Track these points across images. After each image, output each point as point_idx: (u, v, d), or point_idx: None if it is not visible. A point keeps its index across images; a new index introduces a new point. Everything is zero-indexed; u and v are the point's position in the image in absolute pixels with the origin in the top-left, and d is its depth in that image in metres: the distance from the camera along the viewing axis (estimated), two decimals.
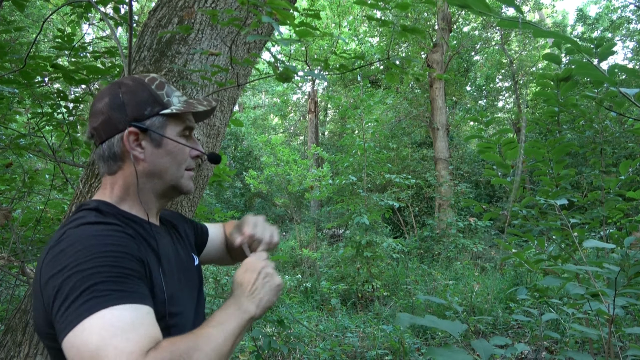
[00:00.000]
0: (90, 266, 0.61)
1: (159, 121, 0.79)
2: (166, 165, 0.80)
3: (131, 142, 0.77)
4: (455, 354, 0.78)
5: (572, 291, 1.30)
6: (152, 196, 0.82)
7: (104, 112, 0.77)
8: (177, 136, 0.81)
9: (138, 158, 0.78)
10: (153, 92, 0.79)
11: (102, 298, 0.59)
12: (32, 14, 10.76)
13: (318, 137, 16.34)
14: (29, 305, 1.31)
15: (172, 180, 0.82)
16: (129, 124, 0.76)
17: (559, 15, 19.24)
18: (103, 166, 0.80)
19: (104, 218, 0.71)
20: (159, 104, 0.79)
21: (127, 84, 0.78)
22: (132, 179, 0.78)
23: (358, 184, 6.93)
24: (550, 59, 1.61)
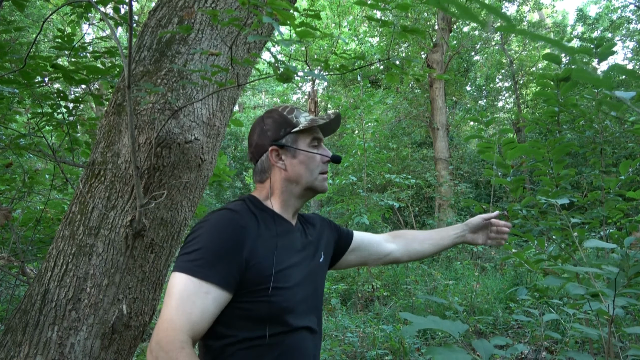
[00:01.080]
0: (205, 239, 0.87)
1: (292, 137, 1.03)
2: (302, 172, 1.03)
3: (274, 157, 1.03)
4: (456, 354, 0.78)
5: (572, 291, 1.30)
6: (292, 197, 1.05)
7: (254, 140, 1.06)
8: (307, 147, 1.04)
9: (280, 168, 1.03)
10: (285, 117, 1.04)
11: (197, 269, 0.84)
12: (32, 14, 10.76)
13: None
14: (28, 306, 1.31)
15: (308, 183, 1.04)
16: (271, 144, 1.03)
17: (559, 15, 19.24)
18: (257, 177, 1.07)
19: (240, 207, 0.95)
20: (290, 125, 1.04)
21: (268, 116, 1.06)
22: (276, 184, 1.04)
23: (358, 184, 6.93)
24: (550, 59, 1.61)
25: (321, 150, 1.06)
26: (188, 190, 1.50)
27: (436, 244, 1.35)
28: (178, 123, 1.41)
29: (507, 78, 15.88)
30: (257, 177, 1.06)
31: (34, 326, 1.27)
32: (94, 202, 1.38)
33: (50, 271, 1.33)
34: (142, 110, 1.40)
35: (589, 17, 14.45)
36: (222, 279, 0.85)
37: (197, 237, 0.87)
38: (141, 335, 1.45)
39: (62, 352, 1.25)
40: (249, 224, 0.92)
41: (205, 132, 1.51)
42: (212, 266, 0.84)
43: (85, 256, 1.33)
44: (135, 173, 1.30)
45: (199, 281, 0.83)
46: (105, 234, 1.35)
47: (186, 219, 1.54)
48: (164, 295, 0.85)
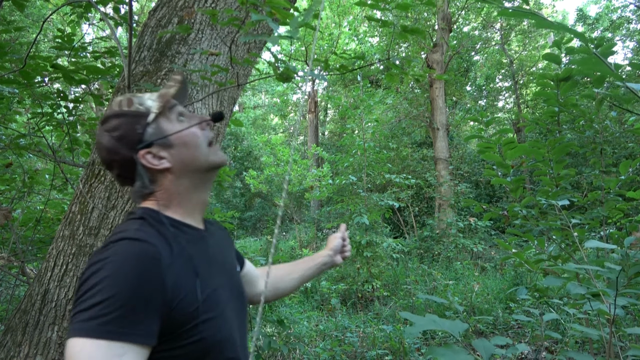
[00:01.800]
0: (110, 286, 0.65)
1: (153, 128, 0.83)
2: (189, 155, 0.84)
3: (151, 161, 0.82)
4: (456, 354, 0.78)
5: (572, 291, 1.30)
6: (195, 192, 0.86)
7: (114, 159, 0.82)
8: (174, 125, 0.85)
9: (165, 168, 0.83)
10: (130, 113, 0.83)
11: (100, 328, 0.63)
12: (32, 14, 10.76)
13: (318, 137, 16.34)
14: (28, 306, 1.31)
15: (202, 163, 0.85)
16: (136, 150, 0.81)
17: (559, 15, 19.25)
18: (139, 195, 0.85)
19: (145, 232, 0.74)
20: (142, 116, 0.83)
21: (107, 125, 0.83)
22: (171, 188, 0.84)
23: (358, 184, 6.93)
24: (550, 59, 1.61)
25: (192, 119, 0.87)
26: None
27: (302, 277, 1.22)
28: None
29: (507, 78, 15.88)
30: (138, 195, 0.85)
31: (34, 326, 1.27)
32: (94, 202, 1.38)
33: (50, 271, 1.33)
34: None
35: (589, 17, 14.46)
36: (141, 334, 0.65)
37: (97, 285, 0.65)
38: None
39: (62, 352, 1.25)
40: (162, 253, 0.71)
41: None
42: (126, 320, 0.64)
43: (85, 256, 1.32)
44: None
45: (108, 343, 0.62)
46: (105, 234, 1.35)
47: None
48: None
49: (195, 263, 0.77)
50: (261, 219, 15.35)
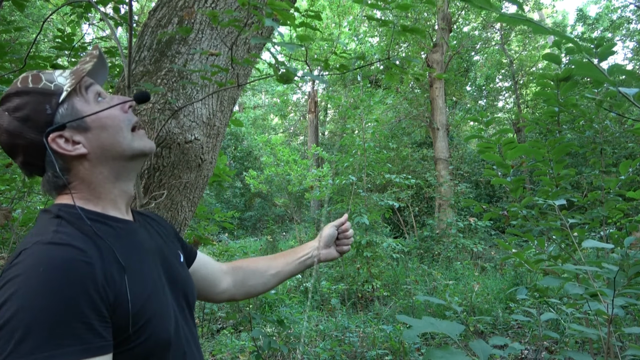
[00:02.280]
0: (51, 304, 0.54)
1: (65, 108, 0.71)
2: (109, 139, 0.73)
3: (63, 145, 0.70)
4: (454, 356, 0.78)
5: (571, 291, 1.30)
6: (118, 180, 0.75)
7: (18, 143, 0.70)
8: (91, 105, 0.73)
9: (80, 154, 0.71)
10: (37, 90, 0.70)
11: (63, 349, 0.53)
12: (32, 14, 10.76)
13: (318, 137, 16.34)
14: None
15: (125, 149, 0.74)
16: (45, 133, 0.69)
17: (559, 15, 19.25)
18: (51, 186, 0.73)
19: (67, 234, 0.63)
20: (52, 95, 0.71)
21: (8, 105, 0.70)
22: (89, 177, 0.72)
23: (358, 184, 6.93)
24: (550, 59, 1.61)
25: (113, 100, 0.76)
26: (188, 190, 1.50)
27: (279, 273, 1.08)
28: (178, 123, 1.42)
29: (507, 78, 15.89)
30: (51, 186, 0.73)
31: None
32: None
33: None
34: (142, 110, 1.40)
35: (589, 17, 14.46)
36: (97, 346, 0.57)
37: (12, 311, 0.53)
38: None
39: None
40: (92, 255, 0.62)
41: (205, 132, 1.51)
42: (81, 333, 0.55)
43: None
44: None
45: None
46: None
47: (186, 219, 1.54)
48: None
49: (126, 258, 0.67)
50: (261, 219, 15.35)
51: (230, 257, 5.58)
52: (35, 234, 0.63)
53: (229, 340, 4.14)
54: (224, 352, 3.84)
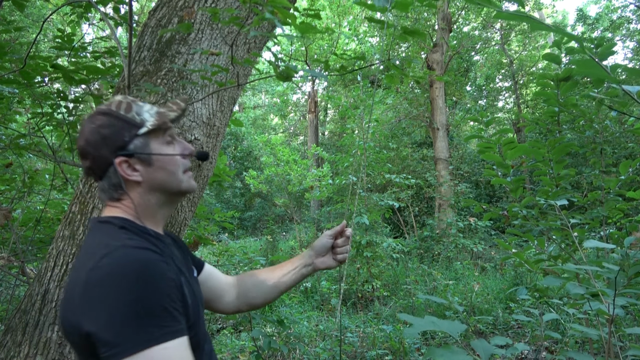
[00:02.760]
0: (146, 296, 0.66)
1: (141, 141, 0.82)
2: (164, 178, 0.85)
3: (125, 170, 0.81)
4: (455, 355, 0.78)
5: (572, 291, 1.30)
6: (161, 209, 0.88)
7: (90, 152, 0.81)
8: (162, 146, 0.85)
9: (137, 181, 0.83)
10: (124, 118, 0.82)
11: (161, 331, 0.65)
12: (32, 14, 10.76)
13: (318, 137, 16.34)
14: (28, 305, 1.31)
15: (174, 188, 0.87)
16: (116, 155, 0.80)
17: (559, 15, 19.25)
18: (106, 195, 0.84)
19: (139, 239, 0.76)
20: (135, 126, 0.82)
21: (99, 118, 0.82)
22: (139, 201, 0.84)
23: (358, 184, 6.93)
24: (550, 59, 1.61)
25: (179, 147, 0.88)
26: None
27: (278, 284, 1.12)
28: (178, 123, 1.42)
29: (507, 78, 15.88)
30: (106, 195, 0.84)
31: (34, 326, 1.27)
32: (94, 202, 1.38)
33: (50, 271, 1.33)
34: None
35: (589, 17, 14.46)
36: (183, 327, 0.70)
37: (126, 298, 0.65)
38: None
39: (62, 352, 1.25)
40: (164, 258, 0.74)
41: (205, 132, 1.51)
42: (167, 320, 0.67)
43: None
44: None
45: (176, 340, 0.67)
46: None
47: (186, 219, 1.54)
48: None
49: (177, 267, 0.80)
50: (261, 219, 15.35)
51: (230, 257, 5.58)
52: (109, 242, 0.73)
53: (229, 340, 4.14)
54: (224, 352, 3.84)
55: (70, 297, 0.70)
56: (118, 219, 0.80)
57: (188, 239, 2.85)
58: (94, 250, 0.72)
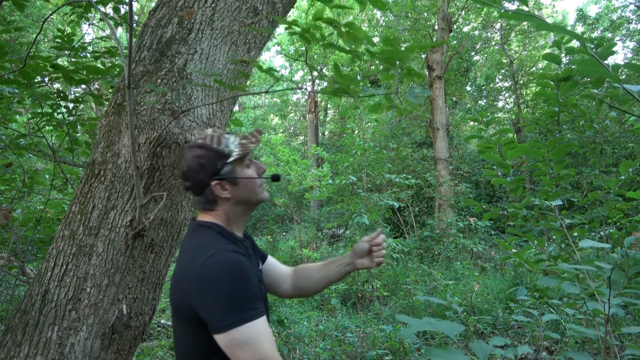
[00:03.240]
0: (242, 288, 0.93)
1: (229, 167, 1.08)
2: (246, 195, 1.12)
3: (218, 190, 1.08)
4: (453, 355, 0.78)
5: (567, 290, 1.30)
6: (243, 217, 1.15)
7: (192, 176, 1.08)
8: (244, 169, 1.11)
9: (227, 197, 1.09)
10: (217, 150, 1.08)
11: (252, 312, 0.92)
12: (32, 14, 10.76)
13: (318, 137, 16.33)
14: (28, 305, 1.31)
15: (253, 200, 1.14)
16: (212, 179, 1.07)
17: (559, 15, 19.24)
18: (201, 206, 1.11)
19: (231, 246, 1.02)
20: (224, 156, 1.08)
21: (197, 150, 1.08)
22: (228, 212, 1.11)
23: (358, 184, 6.93)
24: (550, 59, 1.61)
25: (257, 169, 1.15)
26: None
27: (324, 278, 1.36)
28: (178, 123, 1.42)
29: (507, 78, 15.88)
30: (201, 206, 1.11)
31: (34, 326, 1.27)
32: (94, 202, 1.38)
33: (50, 271, 1.33)
34: (142, 110, 1.40)
35: (589, 17, 14.45)
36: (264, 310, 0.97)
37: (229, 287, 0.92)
38: (141, 335, 1.45)
39: (62, 352, 1.25)
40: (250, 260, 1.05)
41: None
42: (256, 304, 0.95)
43: (85, 256, 1.33)
44: (135, 173, 1.30)
45: (261, 319, 0.94)
46: (105, 234, 1.35)
47: (186, 219, 1.54)
48: None
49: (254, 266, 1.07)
50: (261, 219, 15.35)
51: None
52: (213, 245, 1.00)
53: None
54: None
55: (184, 283, 0.98)
56: (215, 225, 1.07)
57: None
58: (200, 249, 0.99)
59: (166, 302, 5.58)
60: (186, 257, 1.01)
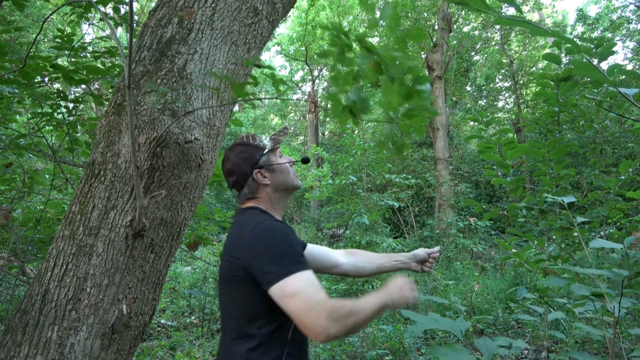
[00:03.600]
0: (286, 246, 1.06)
1: (265, 158, 1.27)
2: (282, 179, 1.29)
3: (259, 177, 1.26)
4: (459, 354, 0.77)
5: (576, 292, 1.30)
6: (282, 201, 1.31)
7: (236, 170, 1.26)
8: (277, 158, 1.30)
9: (267, 184, 1.27)
10: (254, 145, 1.29)
11: (297, 265, 1.03)
12: (32, 14, 10.76)
13: (318, 137, 16.32)
14: (28, 305, 1.31)
15: (289, 185, 1.31)
16: (253, 169, 1.25)
17: (559, 15, 19.24)
18: (243, 198, 1.28)
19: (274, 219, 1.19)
20: (261, 149, 1.28)
21: (238, 148, 1.28)
22: (270, 197, 1.28)
23: (358, 184, 6.93)
24: (550, 59, 1.61)
25: (286, 157, 1.34)
26: (188, 190, 1.50)
27: (380, 266, 1.51)
28: (178, 123, 1.41)
29: (507, 78, 15.88)
30: (243, 198, 1.28)
31: (34, 326, 1.27)
32: (94, 202, 1.38)
33: (50, 271, 1.33)
34: (142, 110, 1.40)
35: (589, 17, 14.45)
36: None
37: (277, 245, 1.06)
38: (141, 335, 1.45)
39: (62, 352, 1.25)
40: None
41: (205, 132, 1.51)
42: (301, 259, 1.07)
43: (85, 256, 1.32)
44: (135, 173, 1.30)
45: (306, 271, 1.04)
46: (105, 234, 1.35)
47: (186, 219, 1.54)
48: None
49: None
50: None
51: None
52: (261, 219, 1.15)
53: None
54: None
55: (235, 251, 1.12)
56: (259, 208, 1.24)
57: (188, 239, 2.85)
58: (247, 222, 1.15)
59: (166, 302, 5.58)
60: (235, 231, 1.17)
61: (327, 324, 0.94)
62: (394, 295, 1.10)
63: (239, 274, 1.10)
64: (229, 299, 1.17)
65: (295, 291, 0.98)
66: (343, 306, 0.97)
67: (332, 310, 0.95)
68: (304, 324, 0.96)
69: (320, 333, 0.94)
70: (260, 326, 1.09)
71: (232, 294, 1.16)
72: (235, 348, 1.11)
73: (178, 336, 4.19)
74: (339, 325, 0.95)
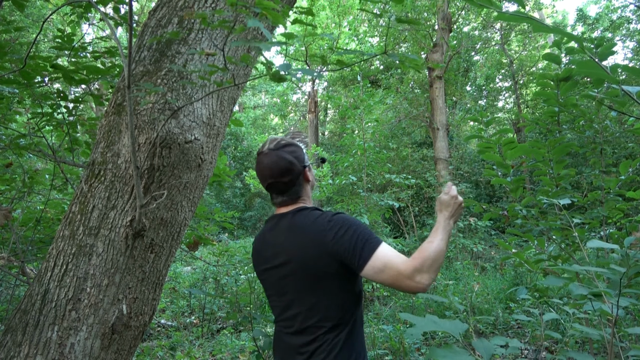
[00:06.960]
0: (364, 228, 1.17)
1: (307, 157, 1.36)
2: (314, 177, 1.39)
3: (307, 174, 1.34)
4: (457, 355, 0.78)
5: (575, 292, 1.30)
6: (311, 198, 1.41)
7: (291, 169, 1.29)
8: None
9: (310, 181, 1.36)
10: (299, 145, 1.35)
11: (378, 241, 1.15)
12: (32, 14, 10.76)
13: (318, 137, 16.32)
14: (28, 306, 1.31)
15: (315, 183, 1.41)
16: (303, 167, 1.32)
17: (559, 15, 19.24)
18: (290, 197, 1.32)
19: None
20: (302, 148, 1.36)
21: (289, 148, 1.32)
22: (309, 194, 1.37)
23: (358, 184, 6.92)
24: (550, 59, 1.61)
25: None
26: (188, 190, 1.50)
27: None
28: (178, 123, 1.41)
29: (507, 78, 15.87)
30: (290, 197, 1.31)
31: (34, 326, 1.27)
32: (94, 202, 1.38)
33: (50, 271, 1.33)
34: (142, 110, 1.40)
35: (589, 17, 14.44)
36: None
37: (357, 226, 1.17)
38: (141, 335, 1.45)
39: (62, 352, 1.25)
40: None
41: (205, 132, 1.51)
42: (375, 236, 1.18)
43: (85, 256, 1.32)
44: (135, 173, 1.30)
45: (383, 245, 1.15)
46: (105, 234, 1.35)
47: (186, 219, 1.54)
48: None
49: None
50: (261, 219, 15.35)
51: (230, 257, 5.57)
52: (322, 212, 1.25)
53: (229, 340, 4.14)
54: (224, 352, 3.84)
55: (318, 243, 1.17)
56: (310, 207, 1.30)
57: (188, 239, 2.85)
58: (319, 217, 1.22)
59: (166, 302, 5.58)
60: (308, 227, 1.21)
61: (422, 279, 1.08)
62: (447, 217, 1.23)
63: (326, 261, 1.17)
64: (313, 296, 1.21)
65: (384, 265, 1.10)
66: (425, 259, 1.09)
67: (419, 268, 1.08)
68: (402, 288, 1.10)
69: (421, 289, 1.09)
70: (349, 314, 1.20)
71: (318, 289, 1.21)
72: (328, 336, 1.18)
73: (178, 336, 4.19)
74: (427, 276, 1.09)
